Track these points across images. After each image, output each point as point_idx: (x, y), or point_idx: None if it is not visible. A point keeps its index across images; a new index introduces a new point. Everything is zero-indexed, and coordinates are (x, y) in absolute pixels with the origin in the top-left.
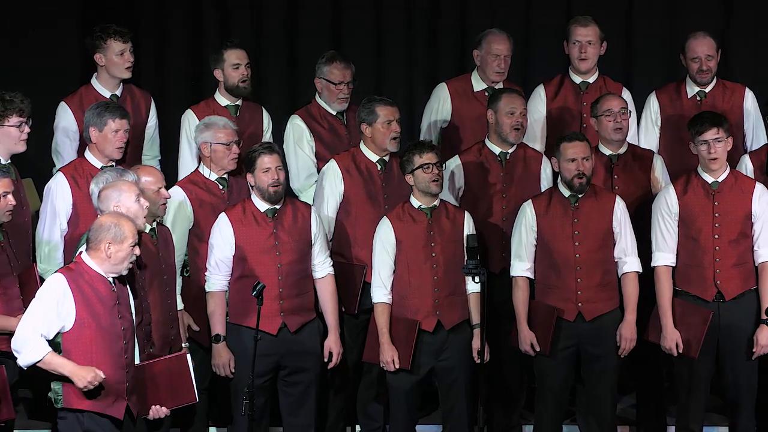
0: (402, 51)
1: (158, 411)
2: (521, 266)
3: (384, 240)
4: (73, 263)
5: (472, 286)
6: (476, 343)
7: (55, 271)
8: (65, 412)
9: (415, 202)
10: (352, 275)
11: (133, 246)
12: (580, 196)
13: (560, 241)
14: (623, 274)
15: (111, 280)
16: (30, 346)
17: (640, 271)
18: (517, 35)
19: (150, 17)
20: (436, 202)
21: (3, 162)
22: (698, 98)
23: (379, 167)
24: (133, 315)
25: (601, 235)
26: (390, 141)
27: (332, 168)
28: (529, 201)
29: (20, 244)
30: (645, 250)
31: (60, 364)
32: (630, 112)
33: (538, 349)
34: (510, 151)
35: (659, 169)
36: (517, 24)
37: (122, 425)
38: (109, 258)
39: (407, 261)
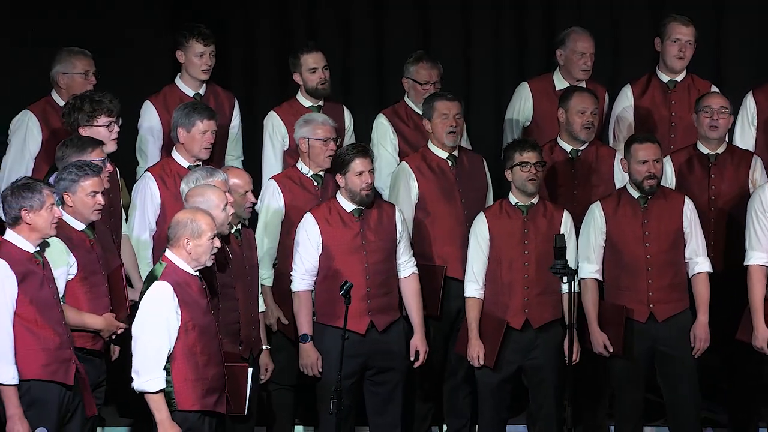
0: (489, 50)
1: None
2: (590, 268)
3: (478, 235)
4: (167, 267)
5: (566, 286)
6: (567, 343)
7: (158, 278)
8: (175, 414)
9: (513, 198)
10: (433, 276)
11: (212, 239)
12: (649, 197)
13: (630, 243)
14: (694, 274)
15: (199, 277)
16: (151, 377)
17: (711, 271)
18: (603, 34)
19: (238, 17)
20: (534, 200)
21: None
22: None
23: (450, 163)
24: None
25: (671, 236)
26: (446, 135)
27: (404, 169)
28: (598, 203)
29: (110, 243)
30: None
31: (159, 408)
32: (729, 111)
33: (611, 350)
34: (581, 148)
35: (759, 170)
36: (603, 24)
37: (224, 422)
38: (189, 253)
39: (500, 257)
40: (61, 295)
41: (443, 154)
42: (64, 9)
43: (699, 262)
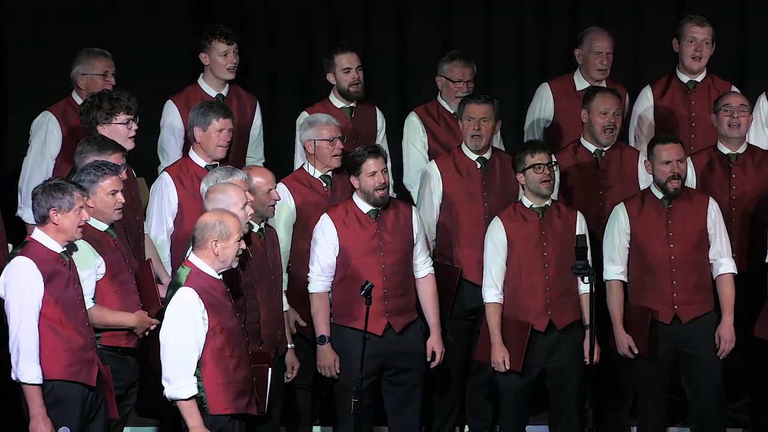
0: (511, 50)
1: None
2: (615, 269)
3: (495, 239)
4: (191, 272)
5: (584, 287)
6: (587, 344)
7: (182, 284)
8: (206, 417)
9: (527, 201)
10: (448, 277)
11: (239, 241)
12: (673, 198)
13: (655, 244)
14: (719, 275)
15: (222, 280)
16: (182, 383)
17: (736, 272)
18: (626, 35)
19: (260, 18)
20: (548, 202)
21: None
22: None
23: (478, 165)
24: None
25: (695, 237)
26: (469, 138)
27: (431, 169)
28: (622, 204)
29: (134, 241)
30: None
31: (191, 414)
32: (748, 110)
33: (636, 352)
34: (605, 149)
35: None
36: (627, 23)
37: (254, 423)
38: (217, 256)
39: (519, 261)
40: (91, 297)
41: (473, 156)
42: (85, 10)
43: (723, 263)
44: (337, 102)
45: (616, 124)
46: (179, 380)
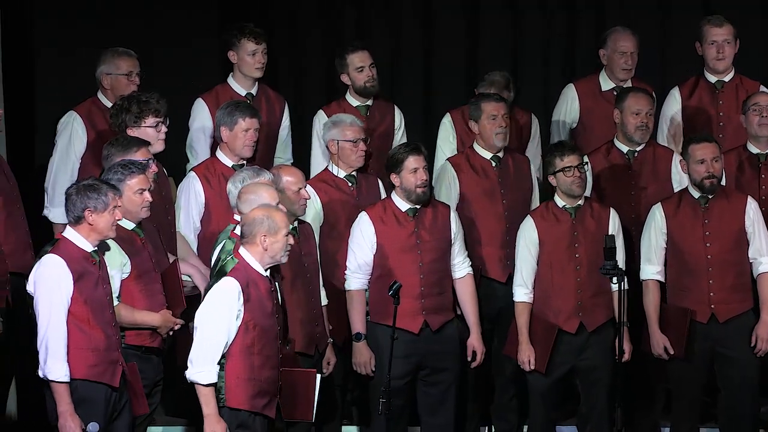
0: (538, 51)
1: None
2: (651, 269)
3: (527, 239)
4: (239, 264)
5: (616, 285)
6: (618, 343)
7: (227, 273)
8: (224, 410)
9: (559, 201)
10: None
11: (287, 236)
12: (710, 197)
13: (691, 243)
14: (759, 274)
15: (270, 279)
16: (203, 368)
17: None
18: (652, 35)
19: (285, 16)
20: (581, 201)
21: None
22: None
23: (493, 164)
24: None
25: (733, 236)
26: (495, 136)
27: (446, 168)
28: (659, 204)
29: (166, 240)
30: None
31: (207, 402)
32: None
33: (672, 353)
34: (638, 149)
35: None
36: (652, 24)
37: (274, 424)
38: (266, 250)
39: (550, 261)
40: (116, 296)
41: (487, 155)
42: (113, 10)
43: (763, 261)
44: (353, 101)
45: (648, 124)
46: (202, 365)
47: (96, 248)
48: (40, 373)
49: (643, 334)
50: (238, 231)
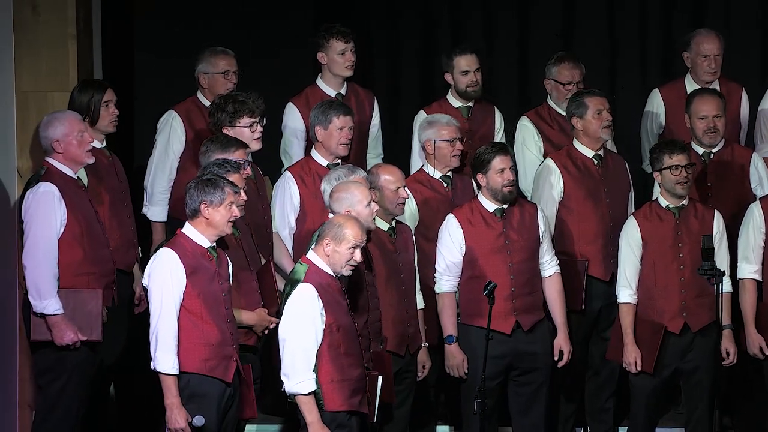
0: (636, 51)
1: None
2: (749, 268)
3: (630, 239)
4: (309, 269)
5: (724, 286)
6: (725, 344)
7: (302, 281)
8: (324, 414)
9: (663, 201)
10: (575, 271)
11: (353, 250)
12: None
13: None
14: None
15: (338, 278)
16: (301, 378)
17: None
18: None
19: (381, 17)
20: (685, 201)
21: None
22: None
23: (595, 162)
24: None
25: None
26: (602, 129)
27: (548, 166)
28: (757, 201)
29: (260, 240)
30: None
31: (309, 410)
32: None
33: (767, 353)
34: (714, 151)
35: None
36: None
37: (366, 421)
38: (327, 256)
39: (653, 261)
40: None
41: (589, 153)
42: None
43: None
44: (455, 101)
45: (716, 126)
46: (298, 375)
47: (213, 245)
48: (151, 365)
49: (741, 334)
50: None
